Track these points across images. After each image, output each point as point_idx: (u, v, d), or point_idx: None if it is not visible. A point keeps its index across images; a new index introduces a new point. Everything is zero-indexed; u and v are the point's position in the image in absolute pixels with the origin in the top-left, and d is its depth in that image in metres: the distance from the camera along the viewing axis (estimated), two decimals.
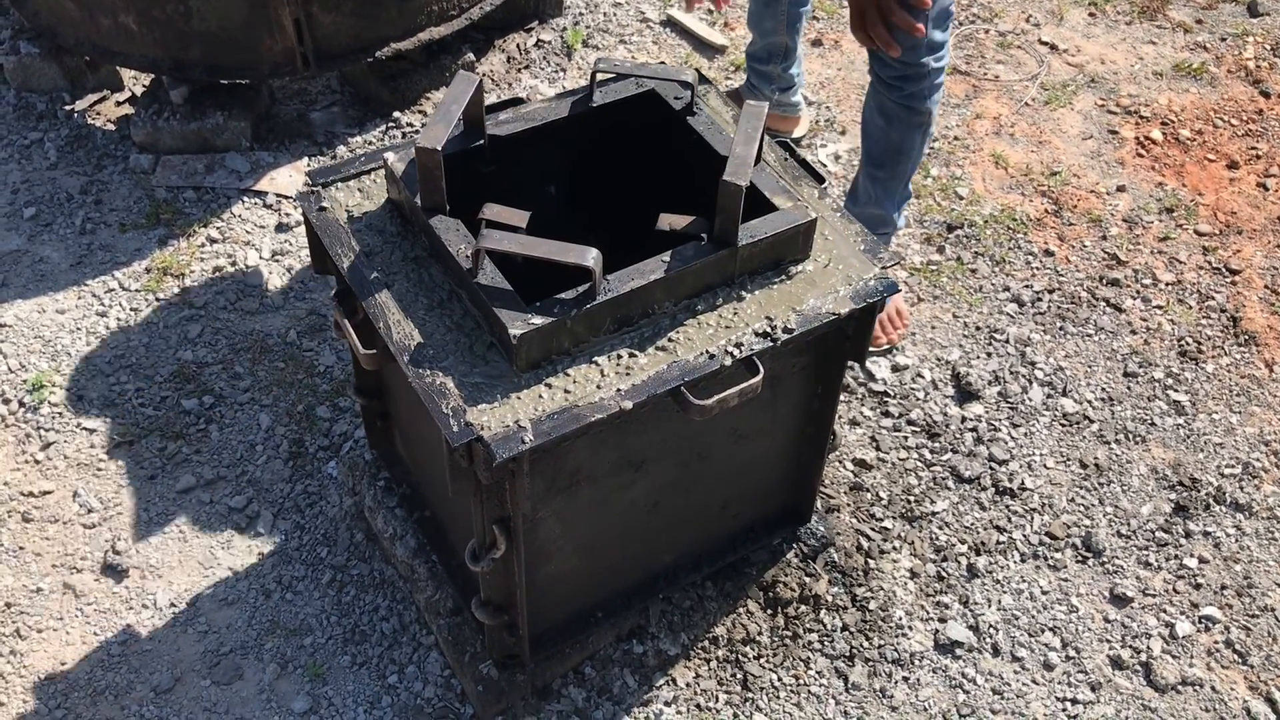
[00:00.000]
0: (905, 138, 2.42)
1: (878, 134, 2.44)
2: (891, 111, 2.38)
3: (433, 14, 3.09)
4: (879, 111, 2.41)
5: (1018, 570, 2.30)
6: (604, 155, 2.03)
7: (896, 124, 2.39)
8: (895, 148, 2.44)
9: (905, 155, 2.46)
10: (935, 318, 2.76)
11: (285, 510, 2.34)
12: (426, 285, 1.73)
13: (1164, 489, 2.44)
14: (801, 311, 1.72)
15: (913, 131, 2.41)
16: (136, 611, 2.19)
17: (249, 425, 2.48)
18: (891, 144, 2.43)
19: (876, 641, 2.18)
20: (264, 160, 3.03)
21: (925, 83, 2.32)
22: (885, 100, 2.37)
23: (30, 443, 2.45)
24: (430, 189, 1.72)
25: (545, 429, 1.56)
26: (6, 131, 3.12)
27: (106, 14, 2.90)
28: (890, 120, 2.39)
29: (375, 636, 2.15)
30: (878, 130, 2.43)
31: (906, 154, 2.46)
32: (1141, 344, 2.72)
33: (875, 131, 2.44)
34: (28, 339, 2.63)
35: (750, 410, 1.87)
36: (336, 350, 2.62)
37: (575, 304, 1.61)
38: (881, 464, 2.45)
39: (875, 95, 2.39)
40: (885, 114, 2.39)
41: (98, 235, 2.87)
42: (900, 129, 2.40)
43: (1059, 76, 3.45)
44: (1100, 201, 3.07)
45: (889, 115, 2.39)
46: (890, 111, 2.38)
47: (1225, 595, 2.28)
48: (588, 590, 2.00)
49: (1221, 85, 3.44)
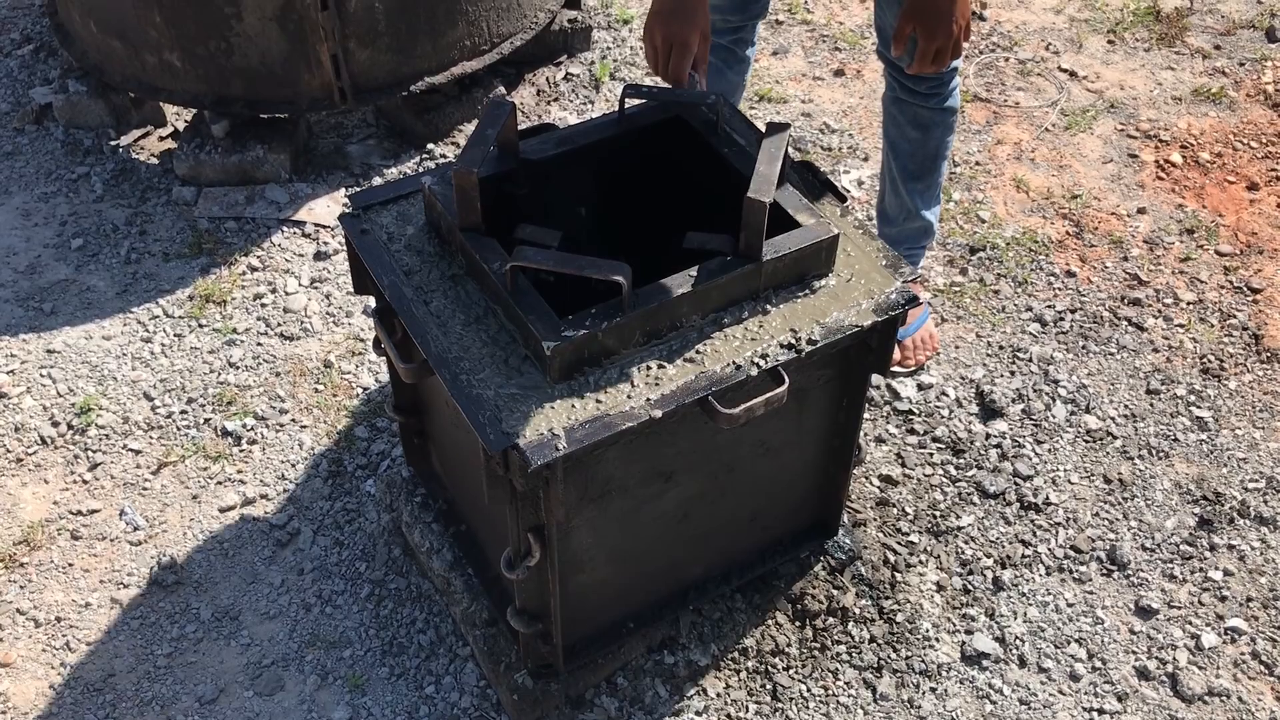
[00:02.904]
0: (942, 140, 2.50)
1: (914, 147, 2.50)
2: (927, 119, 2.45)
3: (465, 49, 3.18)
4: (913, 125, 2.47)
5: (1043, 583, 2.33)
6: (632, 177, 2.09)
7: (934, 129, 2.47)
8: (933, 154, 2.52)
9: (941, 158, 2.55)
10: (959, 338, 2.80)
11: (325, 527, 2.40)
12: (463, 302, 1.80)
13: (1188, 503, 2.47)
14: (825, 324, 1.78)
15: (948, 132, 2.50)
16: (181, 625, 2.26)
17: (289, 445, 2.55)
18: (929, 152, 2.51)
19: (904, 653, 2.21)
20: (302, 191, 3.13)
21: (954, 82, 2.42)
22: (919, 111, 2.44)
23: (78, 464, 2.53)
24: (467, 210, 1.79)
25: (578, 437, 1.62)
26: (55, 166, 3.24)
27: (152, 52, 3.01)
28: (927, 129, 2.46)
29: (413, 648, 2.21)
30: (913, 143, 2.50)
31: (943, 157, 2.55)
32: (1164, 362, 2.76)
33: (910, 145, 2.51)
34: (76, 364, 2.72)
35: (777, 422, 1.92)
36: (374, 372, 2.69)
37: (606, 317, 1.67)
38: (907, 480, 2.49)
39: (905, 110, 2.45)
40: (920, 124, 2.46)
41: (142, 265, 2.96)
42: (938, 133, 2.48)
43: (1079, 102, 3.51)
44: (1121, 223, 3.11)
45: (925, 124, 2.46)
46: (925, 120, 2.45)
47: (1251, 607, 2.30)
48: (620, 600, 2.05)
49: (1240, 109, 3.49)
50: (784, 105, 3.49)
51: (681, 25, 2.01)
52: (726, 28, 2.54)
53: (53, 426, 2.59)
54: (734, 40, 2.58)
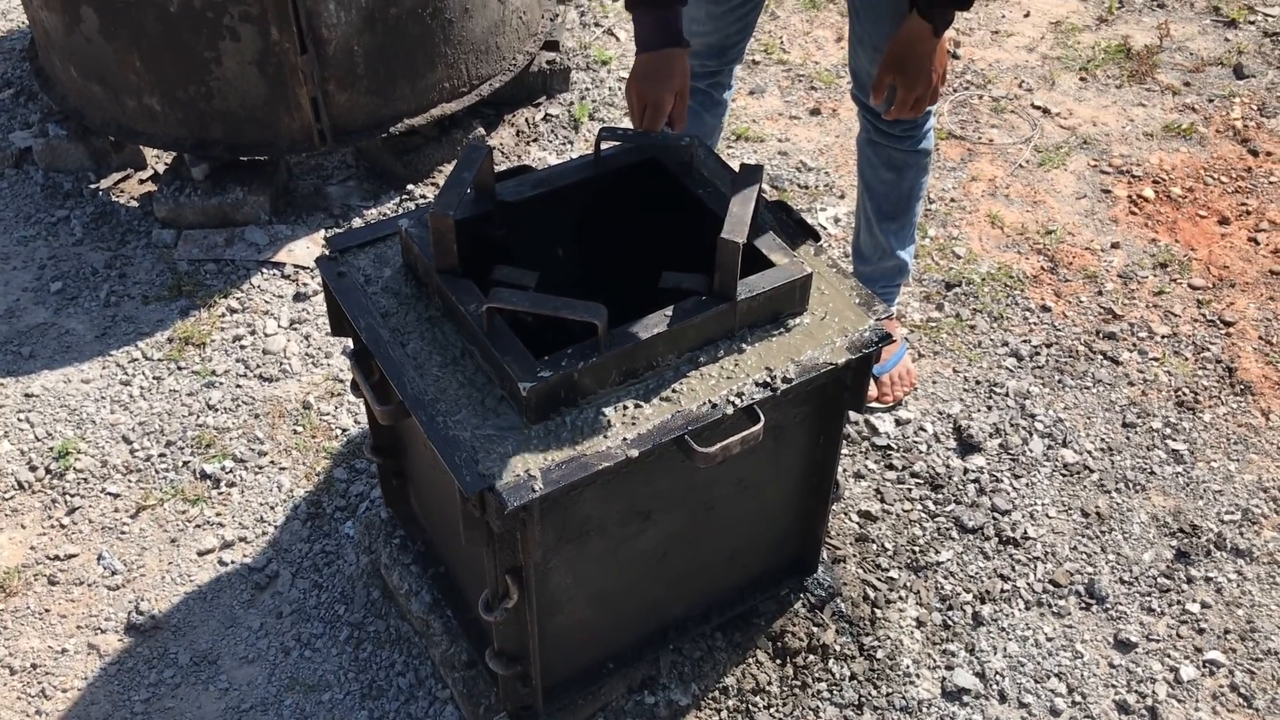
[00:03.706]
0: (916, 182, 2.53)
1: (888, 188, 2.53)
2: (901, 161, 2.48)
3: (444, 91, 3.21)
4: (887, 166, 2.50)
5: (1022, 618, 2.34)
6: (608, 218, 2.11)
7: (908, 171, 2.50)
8: (907, 195, 2.54)
9: (915, 199, 2.57)
10: (936, 373, 2.82)
11: (304, 569, 2.39)
12: (440, 344, 1.81)
13: (1165, 536, 2.48)
14: (800, 362, 1.79)
15: (922, 174, 2.53)
16: (159, 671, 2.24)
17: (268, 488, 2.54)
18: (903, 193, 2.53)
19: (884, 690, 2.21)
20: (282, 233, 3.14)
21: (929, 124, 2.45)
22: (893, 153, 2.46)
23: (56, 508, 2.51)
24: (443, 252, 1.81)
25: (555, 478, 1.63)
26: (34, 210, 3.24)
27: (132, 96, 3.03)
28: (901, 171, 2.49)
29: (392, 691, 2.20)
30: (887, 184, 2.52)
31: (917, 197, 2.57)
32: (1139, 395, 2.78)
33: (884, 186, 2.53)
34: (54, 408, 2.71)
35: (754, 460, 1.93)
36: (353, 414, 2.69)
37: (582, 358, 1.68)
38: (886, 515, 2.50)
39: (880, 151, 2.48)
40: (894, 166, 2.49)
41: (122, 307, 2.96)
42: (912, 174, 2.51)
43: (1052, 139, 3.55)
44: (1095, 258, 3.15)
45: (898, 166, 2.49)
46: (899, 162, 2.48)
47: (1229, 639, 2.31)
48: (599, 641, 2.05)
49: (1210, 144, 3.54)
50: (761, 144, 3.52)
51: (656, 86, 2.07)
52: (704, 72, 2.56)
53: (30, 471, 2.58)
54: (711, 84, 2.61)
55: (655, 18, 2.09)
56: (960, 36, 3.98)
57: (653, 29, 2.09)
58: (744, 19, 2.50)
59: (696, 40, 2.47)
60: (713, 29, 2.49)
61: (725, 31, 2.50)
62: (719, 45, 2.53)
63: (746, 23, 2.52)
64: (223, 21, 2.84)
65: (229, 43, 2.87)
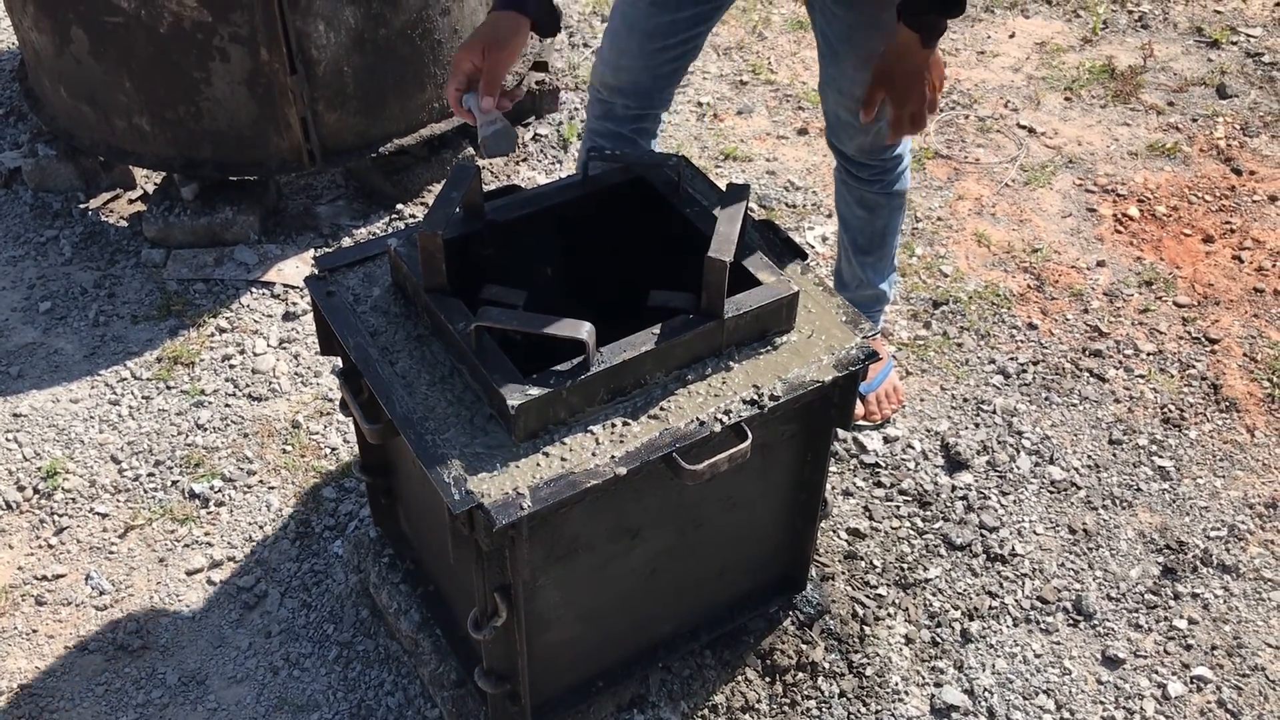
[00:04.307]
0: (889, 221, 2.52)
1: (861, 224, 2.52)
2: (873, 202, 2.47)
3: (433, 111, 3.23)
4: (859, 205, 2.48)
5: (1011, 634, 2.34)
6: (597, 236, 2.12)
7: (881, 210, 2.49)
8: (881, 232, 2.53)
9: (891, 235, 2.56)
10: (924, 390, 2.83)
11: (292, 589, 2.39)
12: (429, 362, 1.82)
13: (1152, 552, 2.50)
14: (787, 380, 1.80)
15: (895, 213, 2.51)
16: (147, 691, 2.23)
17: (257, 507, 2.54)
18: (877, 230, 2.52)
19: (874, 707, 2.22)
20: (272, 253, 3.14)
21: (901, 166, 2.43)
22: (865, 194, 2.45)
23: (44, 528, 2.51)
24: (432, 272, 1.82)
25: (543, 495, 1.63)
26: (23, 230, 3.24)
27: (121, 116, 3.04)
28: (873, 210, 2.48)
29: (381, 711, 2.19)
30: (861, 221, 2.51)
31: (892, 233, 2.56)
32: (1125, 412, 2.79)
33: (858, 223, 2.52)
34: (42, 428, 2.71)
35: (742, 478, 1.94)
36: (342, 433, 2.69)
37: (570, 375, 1.69)
38: (875, 533, 2.51)
39: (853, 190, 2.46)
40: (867, 205, 2.48)
41: (110, 327, 2.96)
42: (884, 214, 2.49)
43: (1038, 158, 3.58)
44: (1081, 276, 3.17)
45: (871, 206, 2.47)
46: (872, 202, 2.47)
47: (1216, 655, 2.32)
48: (588, 659, 2.05)
49: (1195, 163, 3.57)
50: (749, 164, 3.54)
51: (464, 46, 1.97)
52: (627, 115, 2.45)
53: (18, 491, 2.58)
54: (635, 130, 2.48)
55: None
56: (946, 57, 4.01)
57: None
58: (677, 60, 2.38)
59: (624, 77, 2.39)
60: (642, 66, 2.36)
61: (655, 72, 2.38)
62: (647, 87, 2.40)
63: (679, 65, 2.40)
64: (212, 42, 2.85)
65: (219, 63, 2.89)
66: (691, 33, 2.33)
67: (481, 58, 1.95)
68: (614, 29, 2.37)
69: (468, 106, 1.97)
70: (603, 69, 2.43)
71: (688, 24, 2.31)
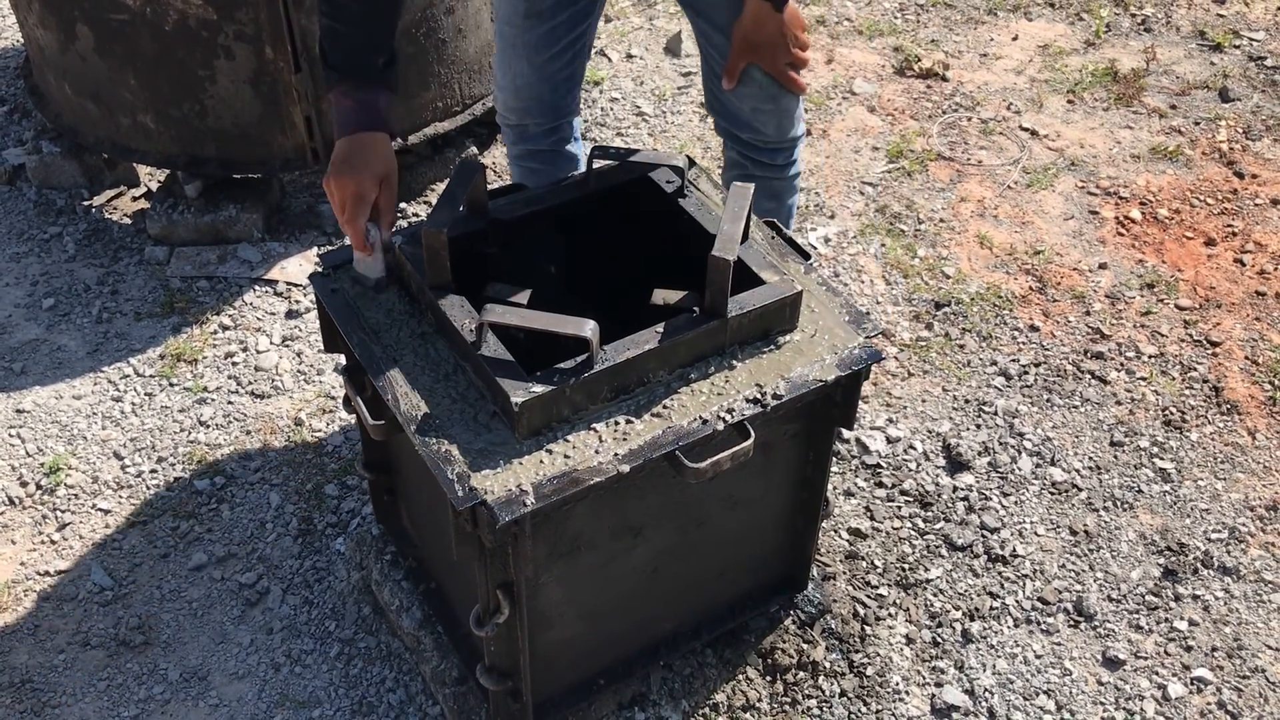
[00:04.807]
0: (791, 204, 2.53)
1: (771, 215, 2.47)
2: (779, 188, 2.46)
3: (438, 110, 3.23)
4: (768, 196, 2.46)
5: (1011, 635, 2.35)
6: (601, 236, 2.13)
7: (785, 196, 2.49)
8: (786, 218, 2.54)
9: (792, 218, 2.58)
10: (925, 391, 2.84)
11: (294, 585, 2.39)
12: (432, 360, 1.82)
13: (1153, 554, 2.50)
14: (790, 379, 1.80)
15: (794, 194, 2.53)
16: (149, 686, 2.24)
17: (259, 504, 2.55)
18: (783, 218, 2.52)
19: (874, 706, 2.22)
20: (275, 251, 3.15)
21: (798, 148, 2.45)
22: (774, 181, 2.45)
23: (47, 524, 2.51)
24: (436, 269, 1.82)
25: (546, 492, 1.63)
26: (27, 226, 3.25)
27: (126, 114, 3.04)
28: (780, 196, 2.48)
29: (382, 707, 2.20)
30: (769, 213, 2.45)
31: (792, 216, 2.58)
32: (1127, 414, 2.80)
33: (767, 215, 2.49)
34: (45, 424, 2.72)
35: (744, 476, 1.94)
36: (344, 431, 2.70)
37: (574, 373, 1.70)
38: (876, 533, 2.51)
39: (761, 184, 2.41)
40: (775, 194, 2.47)
41: (114, 324, 2.97)
42: (788, 197, 2.50)
43: (1040, 161, 3.58)
44: (1083, 278, 3.17)
45: (778, 193, 2.47)
46: (779, 189, 2.46)
47: (1216, 657, 2.32)
48: (590, 657, 2.05)
49: (1197, 167, 3.57)
50: None
51: (354, 174, 1.84)
52: (540, 131, 2.49)
53: (21, 487, 2.58)
54: (554, 142, 2.52)
55: (355, 100, 1.88)
56: (949, 59, 4.02)
57: (350, 112, 1.88)
58: (570, 65, 2.42)
59: (525, 94, 2.43)
60: (539, 80, 2.41)
61: (553, 81, 2.42)
62: (550, 100, 2.45)
63: (573, 69, 2.44)
64: (217, 40, 2.86)
65: (223, 61, 2.89)
66: (573, 35, 2.38)
67: (378, 188, 1.86)
68: (501, 54, 2.43)
69: (371, 240, 1.87)
70: (503, 95, 2.50)
71: (566, 28, 2.36)
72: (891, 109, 3.79)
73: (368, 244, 1.88)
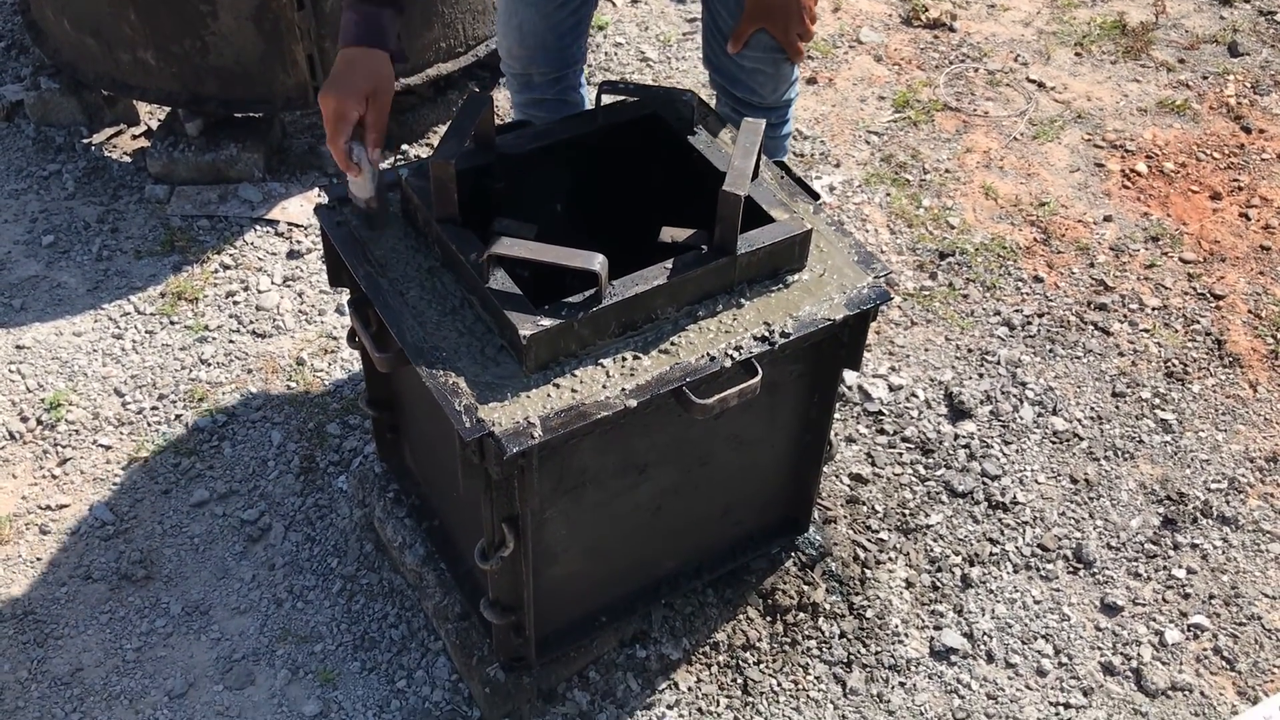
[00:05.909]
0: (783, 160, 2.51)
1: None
2: (772, 149, 2.45)
3: (441, 51, 3.20)
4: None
5: (1010, 580, 2.36)
6: (608, 172, 2.11)
7: (777, 153, 2.49)
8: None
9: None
10: (928, 340, 2.83)
11: (296, 523, 2.40)
12: (439, 294, 1.81)
13: (1152, 503, 2.51)
14: (798, 318, 1.80)
15: (786, 153, 2.56)
16: (151, 620, 2.25)
17: (261, 442, 2.54)
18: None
19: (873, 648, 2.23)
20: (276, 191, 3.12)
21: (791, 108, 2.46)
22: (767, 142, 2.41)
23: (48, 459, 2.51)
24: (444, 201, 1.81)
25: (553, 425, 1.63)
26: (26, 163, 3.22)
27: (126, 50, 3.01)
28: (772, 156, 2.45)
29: (384, 643, 2.21)
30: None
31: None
32: (1129, 365, 2.80)
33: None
34: (45, 360, 2.71)
35: (750, 416, 1.94)
36: (346, 370, 2.69)
37: (582, 308, 1.69)
38: (877, 479, 2.52)
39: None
40: (767, 152, 2.43)
41: (114, 262, 2.95)
42: (780, 155, 2.50)
43: (1046, 113, 3.56)
44: (1088, 231, 3.16)
45: (770, 151, 2.44)
46: (771, 148, 2.44)
47: (1213, 604, 2.34)
48: (592, 593, 2.06)
49: (1204, 121, 3.55)
50: None
51: (338, 90, 1.79)
52: (545, 80, 2.45)
53: (21, 422, 2.58)
54: (560, 90, 2.48)
55: (360, 13, 1.83)
56: (957, 10, 3.98)
57: (352, 24, 1.83)
58: (577, 12, 2.37)
59: (530, 42, 2.39)
60: (546, 28, 2.36)
61: (559, 30, 2.37)
62: (556, 47, 2.40)
63: (580, 17, 2.39)
64: None
65: None
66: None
67: (365, 105, 1.80)
68: (507, 1, 2.37)
69: (356, 159, 1.82)
70: (508, 42, 2.44)
71: None
72: (898, 58, 3.76)
73: (351, 163, 1.82)
